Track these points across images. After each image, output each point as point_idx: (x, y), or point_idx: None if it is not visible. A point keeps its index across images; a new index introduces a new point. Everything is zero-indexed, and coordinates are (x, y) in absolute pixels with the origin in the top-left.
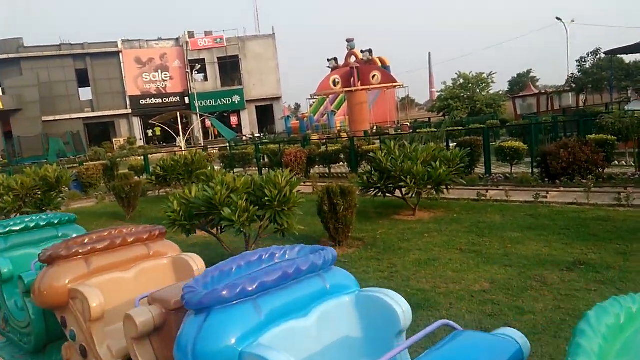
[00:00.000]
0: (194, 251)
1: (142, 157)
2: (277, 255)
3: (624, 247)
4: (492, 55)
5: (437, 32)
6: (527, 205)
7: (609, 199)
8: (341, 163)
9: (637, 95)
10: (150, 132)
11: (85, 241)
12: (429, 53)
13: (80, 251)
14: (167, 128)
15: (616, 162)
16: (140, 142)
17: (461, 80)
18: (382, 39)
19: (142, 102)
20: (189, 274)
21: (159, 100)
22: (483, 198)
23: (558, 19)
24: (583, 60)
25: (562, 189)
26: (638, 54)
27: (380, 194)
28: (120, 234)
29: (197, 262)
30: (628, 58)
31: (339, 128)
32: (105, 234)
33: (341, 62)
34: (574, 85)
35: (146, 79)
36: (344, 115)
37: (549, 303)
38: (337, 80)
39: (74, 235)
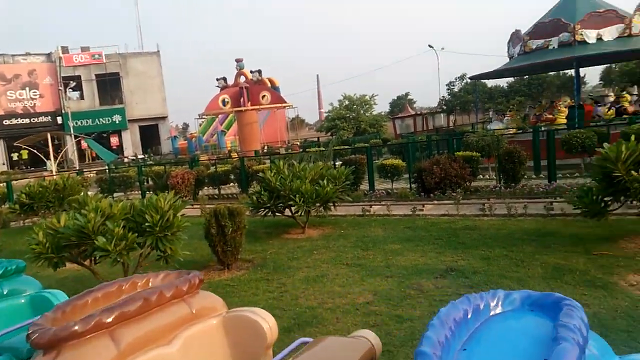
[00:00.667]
0: (64, 286)
1: (4, 184)
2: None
3: (488, 252)
4: (376, 78)
5: (326, 56)
6: (406, 218)
7: (475, 210)
8: (232, 184)
9: (497, 115)
10: (15, 156)
11: (104, 306)
12: (317, 75)
13: (106, 321)
14: (35, 151)
15: (481, 176)
16: (3, 167)
17: (347, 102)
18: (273, 60)
19: (7, 122)
20: (257, 338)
21: (27, 120)
22: (367, 213)
23: (430, 46)
24: (452, 84)
25: (436, 202)
26: (497, 79)
27: (270, 213)
28: (151, 289)
29: (267, 319)
30: (490, 82)
31: (229, 148)
32: (125, 286)
33: (230, 82)
34: (445, 107)
35: (11, 97)
36: (234, 135)
37: (425, 309)
38: (226, 99)
39: (72, 297)
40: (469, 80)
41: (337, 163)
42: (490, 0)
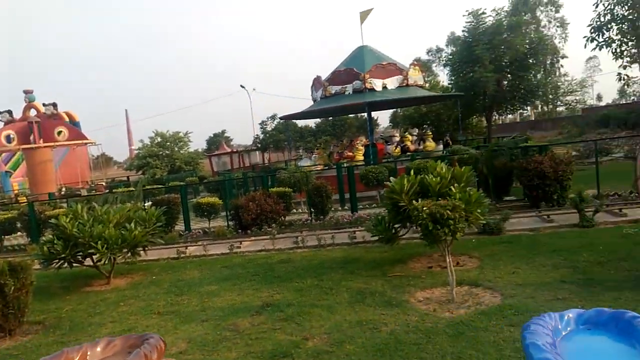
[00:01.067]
0: None
1: None
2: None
3: (301, 283)
4: (191, 115)
5: (135, 89)
6: (224, 257)
7: (289, 243)
8: (19, 233)
9: (307, 153)
10: None
11: None
12: (126, 110)
13: None
14: None
15: (294, 210)
16: None
17: (159, 139)
18: (72, 93)
19: None
20: None
21: None
22: (183, 255)
23: (242, 86)
24: (264, 123)
25: (253, 238)
26: (307, 119)
27: (66, 264)
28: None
29: None
30: (300, 122)
31: (16, 191)
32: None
33: (18, 115)
34: (259, 145)
35: None
36: (23, 177)
37: (241, 350)
38: (12, 136)
39: None
40: (280, 120)
41: (147, 203)
42: (290, 49)
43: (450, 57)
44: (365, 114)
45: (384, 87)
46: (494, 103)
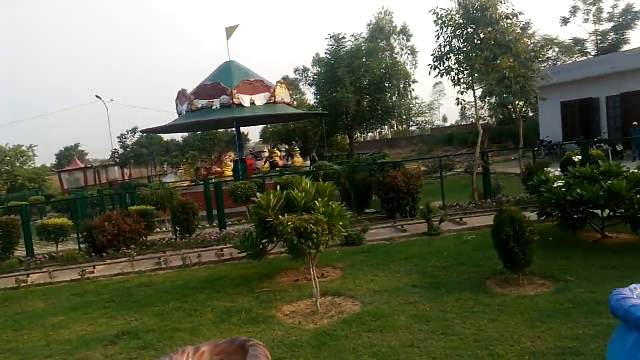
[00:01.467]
0: None
1: None
2: None
3: (163, 307)
4: (35, 128)
5: None
6: (74, 284)
7: (151, 265)
8: None
9: (172, 169)
10: None
11: None
12: None
13: None
14: None
15: (158, 229)
16: None
17: None
18: None
19: None
20: None
21: None
22: (24, 285)
23: (97, 97)
24: (124, 137)
25: (109, 261)
26: (172, 134)
27: None
28: None
29: None
30: (166, 137)
31: None
32: None
33: None
34: (118, 160)
35: None
36: None
37: None
38: None
39: None
40: (142, 134)
41: None
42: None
43: (316, 77)
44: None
45: (252, 103)
46: (355, 122)
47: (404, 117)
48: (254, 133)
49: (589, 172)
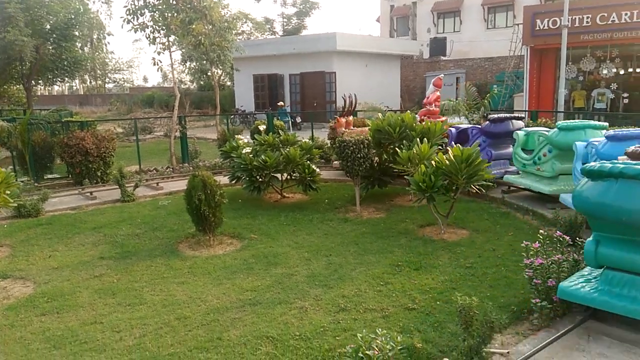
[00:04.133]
0: None
1: None
2: None
3: None
4: None
5: None
6: None
7: None
8: None
9: None
10: None
11: None
12: None
13: None
14: None
15: None
16: None
17: None
18: None
19: None
20: None
21: None
22: None
23: None
24: None
25: None
26: None
27: None
28: None
29: None
30: None
31: None
32: None
33: None
34: None
35: None
36: None
37: None
38: None
39: None
40: None
41: None
42: None
43: None
44: None
45: None
46: (34, 71)
47: (99, 72)
48: None
49: (272, 140)
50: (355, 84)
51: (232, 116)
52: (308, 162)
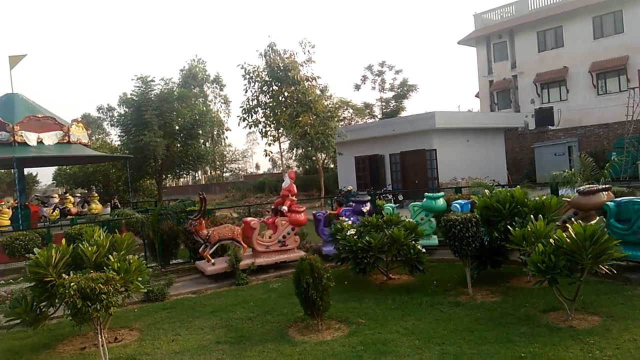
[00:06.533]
0: None
1: None
2: None
3: None
4: None
5: None
6: None
7: None
8: None
9: None
10: None
11: None
12: None
13: None
14: None
15: None
16: None
17: None
18: None
19: None
20: None
21: None
22: None
23: None
24: None
25: None
26: None
27: None
28: None
29: None
30: None
31: None
32: None
33: None
34: None
35: None
36: None
37: None
38: None
39: None
40: None
41: None
42: None
43: (122, 117)
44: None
45: (40, 142)
46: (164, 166)
47: (218, 163)
48: (45, 174)
49: (375, 221)
50: (457, 159)
51: (335, 197)
52: (413, 242)
